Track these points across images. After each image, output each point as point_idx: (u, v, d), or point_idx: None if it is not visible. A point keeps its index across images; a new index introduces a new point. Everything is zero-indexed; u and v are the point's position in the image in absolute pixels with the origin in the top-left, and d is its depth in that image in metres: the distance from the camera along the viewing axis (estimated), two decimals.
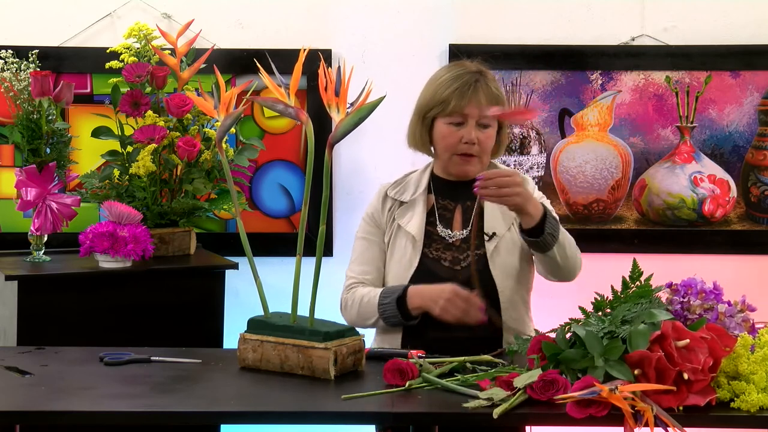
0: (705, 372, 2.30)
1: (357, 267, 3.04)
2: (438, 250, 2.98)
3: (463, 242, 2.98)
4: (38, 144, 3.47)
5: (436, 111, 2.95)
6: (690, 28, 3.98)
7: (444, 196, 3.04)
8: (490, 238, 2.97)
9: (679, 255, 3.99)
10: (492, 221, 2.99)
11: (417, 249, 2.97)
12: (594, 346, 2.35)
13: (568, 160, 4.02)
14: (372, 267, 3.03)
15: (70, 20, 3.91)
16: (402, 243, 2.99)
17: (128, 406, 2.36)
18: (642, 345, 2.32)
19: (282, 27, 3.97)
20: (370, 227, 3.06)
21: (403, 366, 2.46)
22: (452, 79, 2.94)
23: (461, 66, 3.00)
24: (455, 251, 2.98)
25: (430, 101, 2.96)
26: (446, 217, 3.02)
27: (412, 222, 2.99)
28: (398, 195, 3.05)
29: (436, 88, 2.95)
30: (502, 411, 2.26)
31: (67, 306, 3.32)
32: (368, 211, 3.09)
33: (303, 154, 4.01)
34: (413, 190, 3.04)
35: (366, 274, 3.02)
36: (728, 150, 4.02)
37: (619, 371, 2.30)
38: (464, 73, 2.95)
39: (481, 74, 2.96)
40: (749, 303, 2.58)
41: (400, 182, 3.09)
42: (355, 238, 3.10)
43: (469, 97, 2.91)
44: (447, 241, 2.99)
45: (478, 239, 2.98)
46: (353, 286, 3.01)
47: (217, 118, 2.67)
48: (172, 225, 3.60)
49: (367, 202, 3.13)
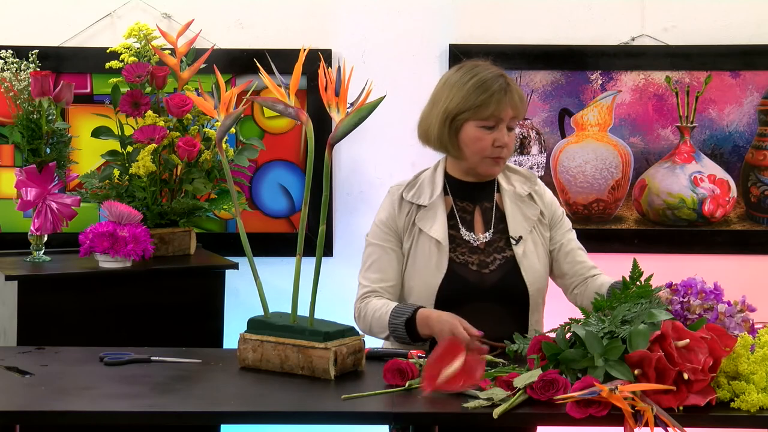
0: (705, 372, 2.30)
1: (372, 275, 2.98)
2: (464, 254, 2.95)
3: (487, 245, 2.97)
4: (38, 144, 3.47)
5: (468, 115, 2.91)
6: (690, 28, 3.98)
7: (462, 197, 3.01)
8: (518, 241, 2.96)
9: (679, 255, 3.99)
10: (515, 224, 2.98)
11: (444, 254, 2.94)
12: (594, 346, 2.35)
13: (568, 160, 4.02)
14: (387, 275, 2.97)
15: (70, 20, 3.91)
16: (426, 248, 2.95)
17: (128, 406, 2.36)
18: (642, 345, 2.32)
19: (282, 27, 3.97)
20: (385, 234, 3.00)
21: (403, 366, 2.46)
22: (482, 83, 2.91)
23: (482, 68, 2.96)
24: (481, 254, 2.95)
25: (461, 105, 2.91)
26: (467, 220, 2.99)
27: (435, 226, 2.95)
28: (415, 198, 2.99)
29: (467, 93, 2.91)
30: (503, 411, 2.26)
31: (67, 306, 3.32)
32: (381, 217, 3.02)
33: (303, 154, 4.01)
34: (430, 193, 2.99)
35: (381, 283, 2.96)
36: (728, 150, 4.02)
37: (619, 371, 2.30)
38: (493, 77, 2.93)
39: (504, 77, 2.95)
40: (749, 303, 2.58)
41: (413, 184, 3.03)
42: (366, 243, 3.03)
43: (507, 101, 2.90)
44: (472, 245, 2.96)
45: (504, 242, 2.97)
46: (367, 296, 2.96)
47: (217, 118, 2.67)
48: (172, 225, 3.60)
49: (368, 203, 3.12)
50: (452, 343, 2.41)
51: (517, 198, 3.02)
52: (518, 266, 2.94)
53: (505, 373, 2.41)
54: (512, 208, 3.00)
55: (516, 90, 2.94)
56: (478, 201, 3.01)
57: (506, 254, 2.96)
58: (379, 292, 2.96)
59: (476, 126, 2.92)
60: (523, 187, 3.04)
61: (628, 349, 2.33)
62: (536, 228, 3.00)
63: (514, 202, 3.01)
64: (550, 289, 3.12)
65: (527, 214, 3.00)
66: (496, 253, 2.96)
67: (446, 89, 2.97)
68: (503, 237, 2.98)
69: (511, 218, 2.99)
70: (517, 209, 3.00)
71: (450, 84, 2.97)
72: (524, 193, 3.02)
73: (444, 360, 2.37)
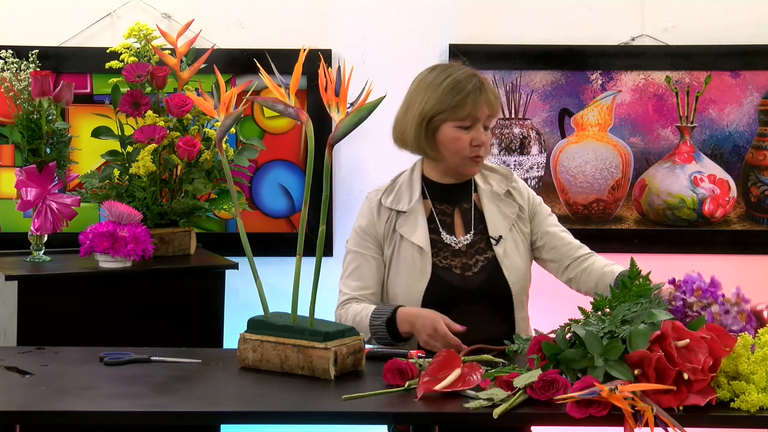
0: (705, 372, 2.30)
1: (352, 282, 2.99)
2: (447, 258, 2.96)
3: (468, 247, 2.97)
4: (38, 144, 3.47)
5: (444, 116, 2.92)
6: (690, 28, 3.98)
7: (440, 200, 3.02)
8: (498, 241, 2.97)
9: (679, 255, 3.99)
10: (494, 223, 2.99)
11: (426, 259, 2.94)
12: (594, 346, 2.35)
13: (568, 160, 4.02)
14: (368, 283, 2.98)
15: (70, 20, 3.91)
16: (408, 255, 2.95)
17: (128, 406, 2.36)
18: (642, 345, 2.32)
19: (282, 27, 3.97)
20: (364, 241, 3.00)
21: (402, 366, 2.46)
22: (455, 83, 2.92)
23: (455, 68, 2.97)
24: (463, 257, 2.96)
25: (437, 107, 2.92)
26: (447, 223, 3.00)
27: (416, 232, 2.95)
28: (395, 204, 3.00)
29: (441, 94, 2.92)
30: (503, 411, 2.26)
31: (67, 306, 3.32)
32: (360, 224, 3.03)
33: (303, 154, 4.01)
34: (409, 198, 3.00)
35: (361, 291, 2.97)
36: (728, 150, 4.02)
37: (619, 371, 2.30)
38: (465, 76, 2.93)
39: (477, 76, 2.95)
40: (743, 294, 2.57)
41: (390, 189, 3.04)
42: (347, 250, 3.04)
43: (482, 101, 2.91)
44: (453, 248, 2.97)
45: (485, 243, 2.98)
46: (347, 303, 2.97)
47: (217, 118, 2.67)
48: (172, 225, 3.60)
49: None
50: (448, 356, 2.42)
51: (494, 197, 3.02)
52: (500, 266, 2.95)
53: (505, 373, 2.41)
54: (490, 207, 3.00)
55: (490, 89, 2.95)
56: (457, 202, 3.02)
57: (487, 255, 2.96)
58: (359, 299, 2.96)
59: (453, 126, 2.93)
60: (500, 185, 3.04)
61: (628, 349, 2.33)
62: (515, 225, 3.00)
63: (492, 201, 3.01)
64: (551, 288, 3.12)
65: (506, 212, 3.00)
66: (477, 254, 2.96)
67: (420, 91, 2.97)
68: (483, 238, 2.98)
69: (490, 218, 2.99)
70: (495, 208, 3.00)
71: (424, 85, 2.97)
72: (502, 192, 3.02)
73: (440, 372, 2.38)
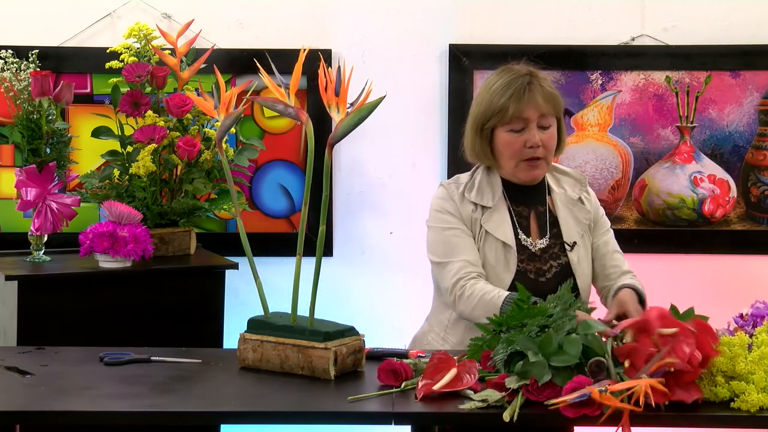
0: (693, 365, 2.29)
1: (470, 257, 2.84)
2: (523, 261, 2.88)
3: (543, 251, 2.91)
4: (38, 144, 3.47)
5: (494, 121, 2.86)
6: (690, 28, 3.98)
7: (517, 201, 2.94)
8: (572, 247, 2.91)
9: (679, 255, 3.99)
10: (568, 229, 2.93)
11: (512, 255, 2.86)
12: (526, 345, 2.33)
13: (568, 160, 4.01)
14: (477, 258, 2.85)
15: (70, 20, 3.91)
16: (492, 250, 2.87)
17: (128, 406, 2.36)
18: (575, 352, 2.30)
19: (282, 27, 3.97)
20: (456, 219, 2.88)
21: (396, 366, 2.46)
22: (504, 85, 2.86)
23: (510, 71, 2.90)
24: (537, 261, 2.89)
25: (486, 111, 2.87)
26: (524, 225, 2.92)
27: (501, 229, 2.88)
28: (479, 199, 2.90)
29: (491, 98, 2.86)
30: (512, 413, 2.26)
31: (67, 306, 3.32)
32: (444, 207, 2.91)
33: (303, 154, 4.00)
34: (491, 195, 2.91)
35: (477, 266, 2.84)
36: (728, 150, 4.02)
37: (560, 360, 2.29)
38: (515, 77, 2.87)
39: (532, 75, 2.88)
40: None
41: (470, 185, 2.93)
42: (435, 231, 2.91)
43: (527, 101, 2.84)
44: (530, 251, 2.89)
45: (558, 248, 2.92)
46: (473, 276, 2.81)
47: (217, 118, 2.67)
48: (172, 225, 3.60)
49: (368, 203, 3.10)
50: (443, 358, 2.42)
51: (568, 201, 2.96)
52: (573, 273, 2.89)
53: (494, 376, 2.40)
54: (564, 212, 2.94)
55: (540, 88, 2.86)
56: (532, 205, 2.95)
57: (561, 261, 2.91)
58: (482, 276, 2.84)
59: (504, 131, 2.87)
60: (573, 190, 2.98)
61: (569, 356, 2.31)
62: (586, 233, 2.95)
63: (566, 206, 2.95)
64: None
65: (579, 217, 2.94)
66: (551, 260, 2.91)
67: (479, 95, 2.92)
68: (557, 242, 2.92)
69: (564, 223, 2.93)
70: (569, 213, 2.94)
71: (481, 90, 2.93)
72: (575, 197, 2.97)
73: (437, 374, 2.38)
